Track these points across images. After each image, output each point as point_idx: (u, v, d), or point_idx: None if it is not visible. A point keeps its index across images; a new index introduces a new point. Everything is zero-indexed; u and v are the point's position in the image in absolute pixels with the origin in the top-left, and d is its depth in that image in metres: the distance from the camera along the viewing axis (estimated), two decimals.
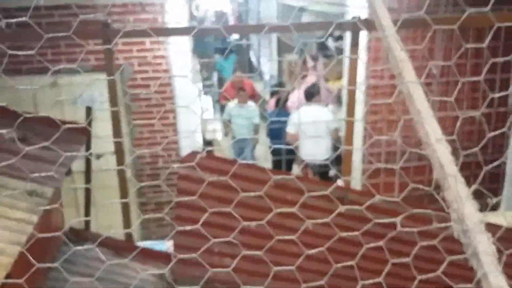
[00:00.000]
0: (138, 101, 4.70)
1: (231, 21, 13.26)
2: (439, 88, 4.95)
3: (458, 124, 1.29)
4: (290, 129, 5.38)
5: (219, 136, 7.74)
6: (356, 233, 1.71)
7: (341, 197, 2.46)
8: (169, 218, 2.16)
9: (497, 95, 1.29)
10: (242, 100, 6.27)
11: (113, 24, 2.36)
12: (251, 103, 6.37)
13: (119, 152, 2.43)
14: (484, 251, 0.54)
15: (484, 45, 1.16)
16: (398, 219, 1.68)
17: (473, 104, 5.02)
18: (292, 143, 5.40)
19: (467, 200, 0.60)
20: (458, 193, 0.61)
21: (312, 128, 5.05)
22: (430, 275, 1.67)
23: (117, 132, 2.35)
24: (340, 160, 5.37)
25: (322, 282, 1.41)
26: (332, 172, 4.67)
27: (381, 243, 1.64)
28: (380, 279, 1.69)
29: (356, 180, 4.49)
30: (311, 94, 5.39)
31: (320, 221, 1.90)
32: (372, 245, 1.66)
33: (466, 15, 1.02)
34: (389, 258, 1.81)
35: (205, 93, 9.23)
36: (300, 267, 1.73)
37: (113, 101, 2.36)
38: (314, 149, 5.19)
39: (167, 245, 3.84)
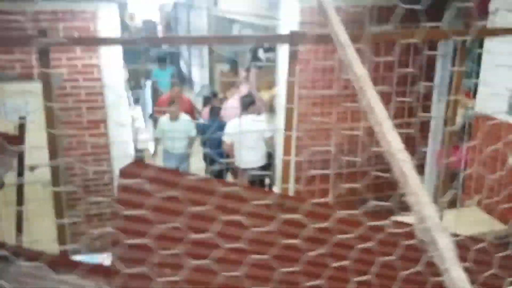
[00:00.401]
0: (68, 110, 4.53)
1: (159, 30, 13.11)
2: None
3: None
4: (226, 139, 5.46)
5: (150, 147, 7.63)
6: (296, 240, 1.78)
7: (280, 204, 2.54)
8: (111, 229, 2.12)
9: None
10: (173, 114, 5.87)
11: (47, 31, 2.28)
12: (185, 116, 6.07)
13: (54, 162, 2.34)
14: (445, 247, 0.62)
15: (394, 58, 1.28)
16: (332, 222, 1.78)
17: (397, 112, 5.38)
18: (228, 152, 5.48)
19: (428, 204, 0.69)
20: (420, 197, 0.69)
21: (249, 137, 5.17)
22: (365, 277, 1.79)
23: (52, 142, 2.27)
24: (271, 168, 5.55)
25: None
26: (267, 180, 4.79)
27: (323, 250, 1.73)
28: (321, 282, 1.78)
29: (290, 187, 4.64)
30: (247, 104, 5.50)
31: (264, 229, 1.97)
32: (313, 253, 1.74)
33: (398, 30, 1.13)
34: (329, 263, 1.91)
35: (135, 102, 9.06)
36: (245, 275, 1.77)
37: (49, 111, 2.27)
38: (250, 157, 5.31)
39: (98, 259, 3.73)
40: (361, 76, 0.83)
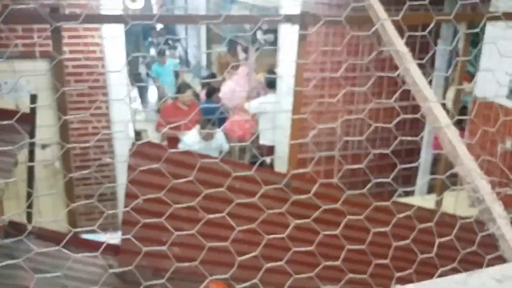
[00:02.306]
0: (70, 90, 4.51)
1: (155, 11, 12.91)
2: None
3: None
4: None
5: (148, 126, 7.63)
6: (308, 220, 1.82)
7: (286, 185, 2.58)
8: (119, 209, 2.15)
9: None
10: (208, 135, 5.04)
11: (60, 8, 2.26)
12: (219, 133, 5.30)
13: (64, 142, 2.35)
14: (499, 215, 0.66)
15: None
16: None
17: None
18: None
19: (479, 174, 0.72)
20: (470, 168, 0.73)
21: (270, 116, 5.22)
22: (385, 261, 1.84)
23: (63, 121, 2.28)
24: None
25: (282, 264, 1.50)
26: (268, 160, 4.78)
27: (337, 232, 1.78)
28: (338, 263, 1.83)
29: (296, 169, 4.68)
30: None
31: (277, 211, 2.01)
32: (327, 232, 1.78)
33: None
34: (345, 244, 1.96)
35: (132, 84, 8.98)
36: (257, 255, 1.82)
37: (58, 89, 2.28)
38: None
39: (103, 238, 3.76)
40: (404, 54, 0.85)
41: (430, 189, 5.46)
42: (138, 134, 7.26)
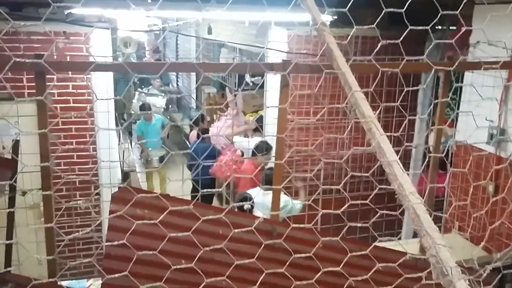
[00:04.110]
0: (57, 131, 4.54)
1: (148, 54, 13.06)
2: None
3: None
4: None
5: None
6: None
7: (269, 230, 2.57)
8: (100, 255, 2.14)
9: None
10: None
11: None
12: (284, 196, 4.53)
13: (46, 187, 2.35)
14: None
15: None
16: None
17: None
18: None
19: (443, 246, 0.75)
20: (435, 240, 0.75)
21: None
22: None
23: (46, 166, 2.28)
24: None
25: None
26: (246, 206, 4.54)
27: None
28: None
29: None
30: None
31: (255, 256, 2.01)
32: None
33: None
34: None
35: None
36: None
37: (43, 134, 2.30)
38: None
39: (85, 284, 3.70)
40: (370, 117, 0.89)
41: (416, 233, 5.46)
42: (126, 175, 7.24)
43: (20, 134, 2.81)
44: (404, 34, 1.61)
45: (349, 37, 1.74)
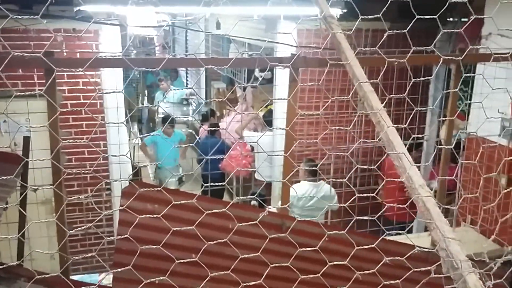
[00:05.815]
0: (68, 127, 4.57)
1: (157, 51, 13.06)
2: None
3: None
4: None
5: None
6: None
7: (279, 224, 2.57)
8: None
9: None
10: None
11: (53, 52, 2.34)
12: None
13: (58, 183, 2.37)
14: (474, 285, 0.67)
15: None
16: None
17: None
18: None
19: (453, 239, 0.74)
20: (445, 233, 0.74)
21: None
22: None
23: (57, 161, 2.30)
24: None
25: None
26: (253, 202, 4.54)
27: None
28: None
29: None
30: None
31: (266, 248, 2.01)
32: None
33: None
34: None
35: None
36: None
37: (55, 129, 2.31)
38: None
39: (97, 278, 3.73)
40: (379, 110, 0.88)
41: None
42: (136, 170, 7.27)
43: (31, 131, 2.84)
44: (411, 24, 1.59)
45: (354, 30, 1.72)
